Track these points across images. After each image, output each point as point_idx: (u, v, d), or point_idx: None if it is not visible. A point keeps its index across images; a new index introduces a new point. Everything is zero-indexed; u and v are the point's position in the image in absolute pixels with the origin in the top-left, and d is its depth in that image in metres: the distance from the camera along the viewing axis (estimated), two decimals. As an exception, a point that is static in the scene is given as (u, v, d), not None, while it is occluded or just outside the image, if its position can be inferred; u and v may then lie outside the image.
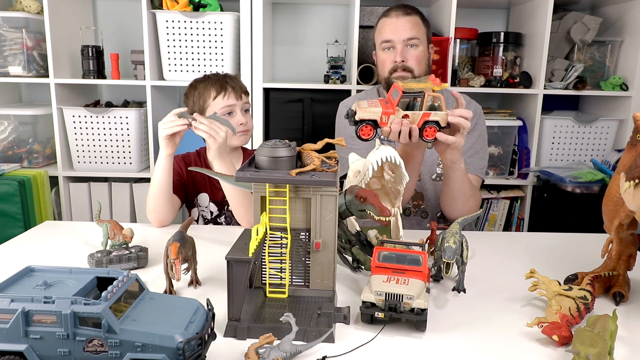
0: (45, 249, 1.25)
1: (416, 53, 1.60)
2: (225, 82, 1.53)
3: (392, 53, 1.61)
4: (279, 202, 0.89)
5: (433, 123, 1.17)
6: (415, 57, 1.60)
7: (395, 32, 1.60)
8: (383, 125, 1.16)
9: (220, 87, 1.52)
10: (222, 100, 1.51)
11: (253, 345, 0.73)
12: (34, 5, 2.23)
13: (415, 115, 1.17)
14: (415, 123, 1.17)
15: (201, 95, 1.53)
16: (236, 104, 1.53)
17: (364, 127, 1.16)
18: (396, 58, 1.59)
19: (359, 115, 1.15)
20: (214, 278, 1.07)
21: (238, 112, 1.54)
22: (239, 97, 1.53)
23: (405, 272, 0.89)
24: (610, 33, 2.41)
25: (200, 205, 1.63)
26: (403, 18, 1.60)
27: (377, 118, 1.16)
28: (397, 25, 1.60)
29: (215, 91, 1.51)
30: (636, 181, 0.81)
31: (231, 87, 1.52)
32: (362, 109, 1.16)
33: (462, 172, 1.37)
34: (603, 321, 0.81)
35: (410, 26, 1.59)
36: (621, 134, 2.34)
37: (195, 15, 2.19)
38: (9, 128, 2.30)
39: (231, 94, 1.52)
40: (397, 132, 1.17)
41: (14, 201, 2.05)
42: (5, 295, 0.67)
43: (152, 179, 1.42)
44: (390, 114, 1.16)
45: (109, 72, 2.35)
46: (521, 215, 2.47)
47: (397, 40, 1.59)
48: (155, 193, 1.41)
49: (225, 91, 1.51)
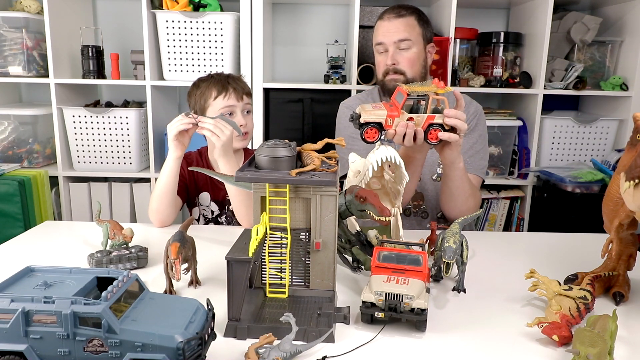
0: (45, 249, 1.25)
1: (408, 55, 1.59)
2: (227, 83, 1.53)
3: (385, 56, 1.62)
4: (279, 202, 0.89)
5: (438, 126, 1.18)
6: (407, 60, 1.59)
7: (386, 34, 1.60)
8: (388, 128, 1.16)
9: (221, 87, 1.52)
10: (222, 100, 1.51)
11: (253, 345, 0.73)
12: (34, 5, 2.23)
13: (419, 118, 1.17)
14: (420, 126, 1.17)
15: (203, 94, 1.53)
16: (236, 105, 1.53)
17: (369, 130, 1.16)
18: (387, 61, 1.60)
19: (364, 118, 1.15)
20: (214, 278, 1.07)
21: (238, 113, 1.54)
22: (240, 98, 1.53)
23: (405, 272, 0.89)
24: (610, 33, 2.41)
25: (201, 204, 1.63)
26: (395, 20, 1.60)
27: (382, 121, 1.16)
28: (388, 28, 1.60)
29: (216, 91, 1.51)
30: (636, 181, 0.81)
31: (233, 87, 1.52)
32: (367, 111, 1.16)
33: (461, 171, 1.37)
34: (603, 321, 0.81)
35: (402, 28, 1.58)
36: (621, 134, 2.34)
37: (195, 15, 2.19)
38: (9, 128, 2.30)
39: (232, 94, 1.52)
40: (402, 134, 1.17)
41: (14, 201, 2.05)
42: (5, 295, 0.67)
43: (158, 180, 1.42)
44: (395, 117, 1.16)
45: (109, 72, 2.35)
46: (521, 215, 2.47)
47: (389, 43, 1.60)
48: (160, 194, 1.41)
49: (226, 92, 1.51)
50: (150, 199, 1.44)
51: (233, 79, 1.56)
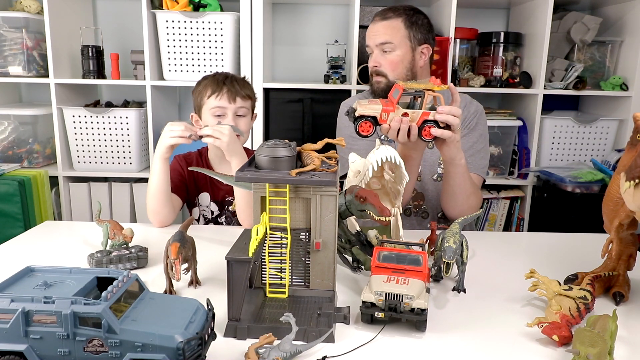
0: (45, 249, 1.25)
1: (391, 58, 1.59)
2: (223, 84, 1.51)
3: (371, 58, 1.64)
4: (279, 202, 0.89)
5: (432, 122, 1.19)
6: (389, 62, 1.59)
7: (371, 37, 1.62)
8: (383, 122, 1.18)
9: (216, 86, 1.50)
10: (214, 100, 1.50)
11: (253, 345, 0.73)
12: (34, 5, 2.23)
13: (414, 114, 1.18)
14: (414, 122, 1.19)
15: (200, 92, 1.53)
16: (227, 107, 1.50)
17: (363, 123, 1.18)
18: (370, 63, 1.63)
19: (359, 111, 1.18)
20: (214, 278, 1.07)
21: (229, 115, 1.51)
22: (232, 100, 1.50)
23: (405, 272, 0.89)
24: (610, 33, 2.41)
25: (201, 204, 1.63)
26: (379, 23, 1.60)
27: (377, 115, 1.18)
28: (373, 31, 1.61)
29: (210, 90, 1.51)
30: (636, 181, 0.80)
31: (227, 88, 1.50)
32: (363, 105, 1.18)
33: (462, 168, 1.37)
34: (603, 321, 0.81)
35: (383, 31, 1.58)
36: (621, 134, 2.34)
37: (195, 15, 2.19)
38: (9, 128, 2.30)
39: (224, 95, 1.49)
40: (396, 129, 1.18)
41: (14, 201, 2.05)
42: (5, 295, 0.67)
43: (149, 181, 1.41)
44: (390, 112, 1.18)
45: (109, 72, 2.35)
46: (521, 215, 2.47)
47: (372, 46, 1.61)
48: (154, 194, 1.40)
49: (219, 92, 1.49)
50: (146, 201, 1.43)
51: (231, 81, 1.53)
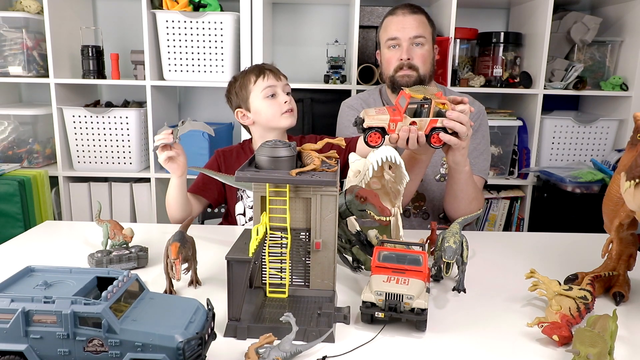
0: (45, 249, 1.25)
1: (422, 52, 1.60)
2: (263, 67, 1.56)
3: (397, 51, 1.61)
4: (279, 202, 0.89)
5: (440, 129, 1.18)
6: (421, 56, 1.60)
7: (401, 30, 1.60)
8: (391, 132, 1.16)
9: (258, 71, 1.54)
10: (262, 82, 1.52)
11: (253, 345, 0.73)
12: (34, 5, 2.23)
13: (422, 122, 1.17)
14: (422, 130, 1.17)
15: (242, 85, 1.55)
16: (277, 84, 1.54)
17: (372, 135, 1.16)
18: (402, 56, 1.59)
19: (367, 122, 1.15)
20: (214, 278, 1.07)
21: (280, 92, 1.54)
22: (278, 78, 1.55)
23: (405, 272, 0.89)
24: (610, 33, 2.41)
25: (249, 196, 1.60)
26: (410, 16, 1.60)
27: (385, 125, 1.16)
28: (403, 24, 1.60)
29: (254, 75, 1.53)
30: (636, 181, 0.80)
31: (268, 69, 1.55)
32: (370, 116, 1.16)
33: (466, 174, 1.37)
34: (603, 321, 0.81)
35: (416, 24, 1.59)
36: (621, 134, 2.34)
37: (195, 15, 2.19)
38: (9, 128, 2.30)
39: (270, 75, 1.53)
40: (404, 139, 1.17)
41: (14, 201, 2.05)
42: (5, 295, 0.67)
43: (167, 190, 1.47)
44: (397, 121, 1.16)
45: (109, 72, 2.35)
46: (521, 215, 2.47)
47: (404, 38, 1.59)
48: (169, 202, 1.47)
49: (263, 74, 1.53)
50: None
51: (267, 65, 1.59)
